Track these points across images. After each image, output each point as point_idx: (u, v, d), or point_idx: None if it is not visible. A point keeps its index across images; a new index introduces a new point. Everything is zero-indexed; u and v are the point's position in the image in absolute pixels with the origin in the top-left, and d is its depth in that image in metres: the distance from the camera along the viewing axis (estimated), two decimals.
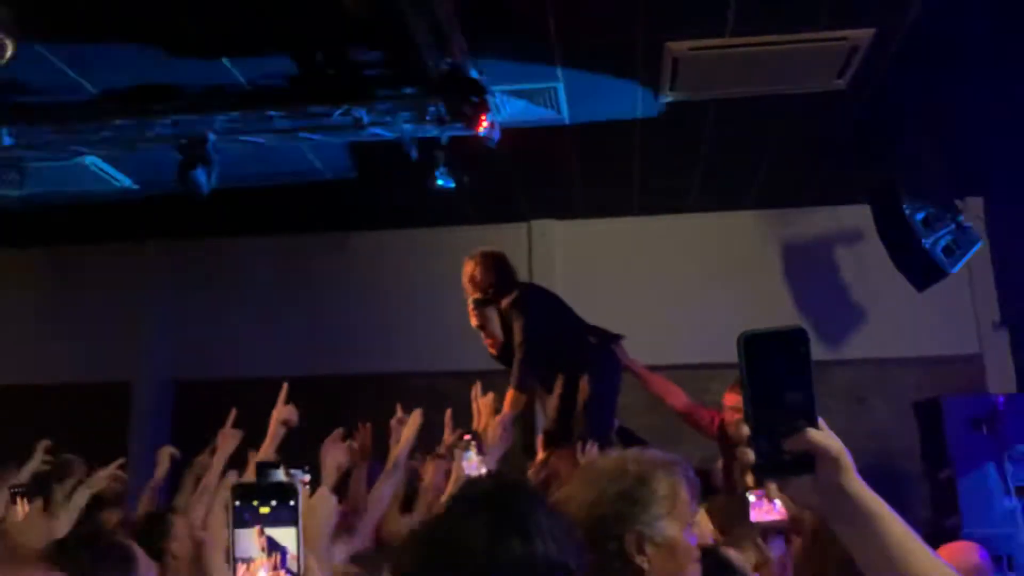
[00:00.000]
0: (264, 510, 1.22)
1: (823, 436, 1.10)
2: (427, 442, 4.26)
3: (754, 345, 1.12)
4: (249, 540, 1.21)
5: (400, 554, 1.43)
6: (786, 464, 1.09)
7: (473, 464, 3.33)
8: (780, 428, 1.09)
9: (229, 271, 7.66)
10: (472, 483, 1.58)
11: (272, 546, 1.22)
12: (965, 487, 5.26)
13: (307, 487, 1.62)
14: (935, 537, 4.89)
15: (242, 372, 7.36)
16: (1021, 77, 5.09)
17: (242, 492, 1.23)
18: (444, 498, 2.34)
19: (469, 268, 4.84)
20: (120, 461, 3.66)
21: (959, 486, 5.28)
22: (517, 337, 4.61)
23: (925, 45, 4.74)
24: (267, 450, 2.84)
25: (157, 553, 2.61)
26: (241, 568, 1.21)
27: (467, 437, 3.43)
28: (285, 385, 3.04)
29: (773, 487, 1.13)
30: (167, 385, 7.60)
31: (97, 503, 3.54)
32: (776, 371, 1.12)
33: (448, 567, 1.35)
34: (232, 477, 1.31)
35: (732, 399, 4.54)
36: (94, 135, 5.20)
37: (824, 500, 1.10)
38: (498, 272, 4.81)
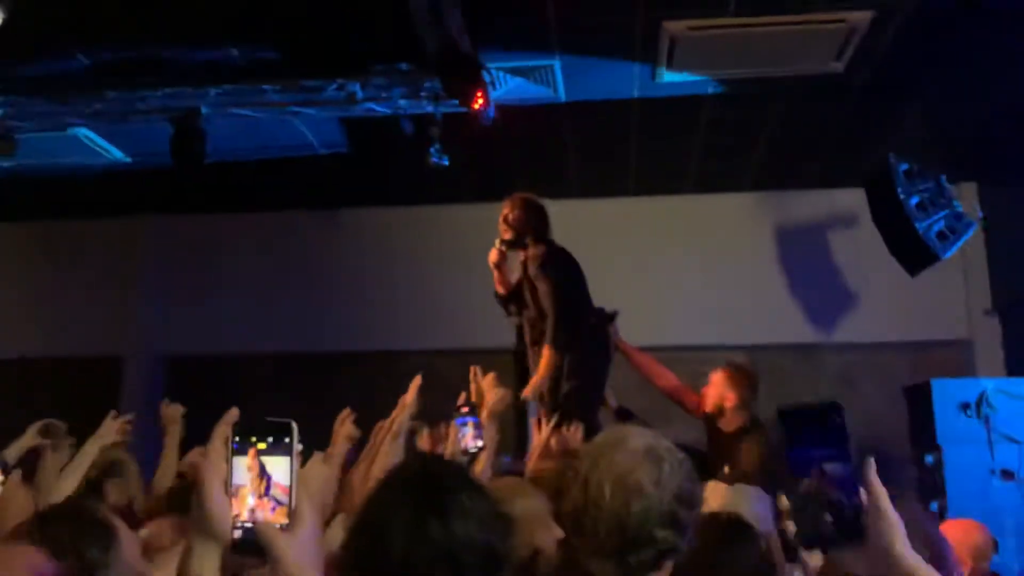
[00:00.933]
0: (261, 445, 1.29)
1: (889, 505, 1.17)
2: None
3: (791, 417, 1.15)
4: (241, 466, 1.28)
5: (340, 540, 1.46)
6: (830, 535, 1.12)
7: (469, 438, 3.31)
8: (821, 499, 1.11)
9: (223, 247, 7.63)
10: (399, 468, 1.57)
11: (262, 474, 1.28)
12: (952, 470, 5.29)
13: (299, 456, 1.64)
14: None
15: (235, 348, 7.36)
16: (1017, 63, 5.07)
17: (242, 428, 1.30)
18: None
19: (506, 209, 4.79)
20: (129, 417, 3.67)
21: (946, 469, 5.31)
22: (552, 293, 4.52)
23: (922, 28, 4.72)
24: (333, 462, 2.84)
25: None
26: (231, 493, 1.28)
27: (465, 409, 3.39)
28: (349, 411, 3.10)
29: (815, 557, 1.17)
30: (159, 360, 7.59)
31: (97, 476, 3.55)
32: (814, 442, 1.15)
33: (371, 553, 1.37)
34: (235, 413, 1.34)
35: (718, 377, 4.57)
36: (87, 107, 5.16)
37: (870, 564, 1.16)
38: (536, 216, 4.75)
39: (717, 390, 4.53)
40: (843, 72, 5.13)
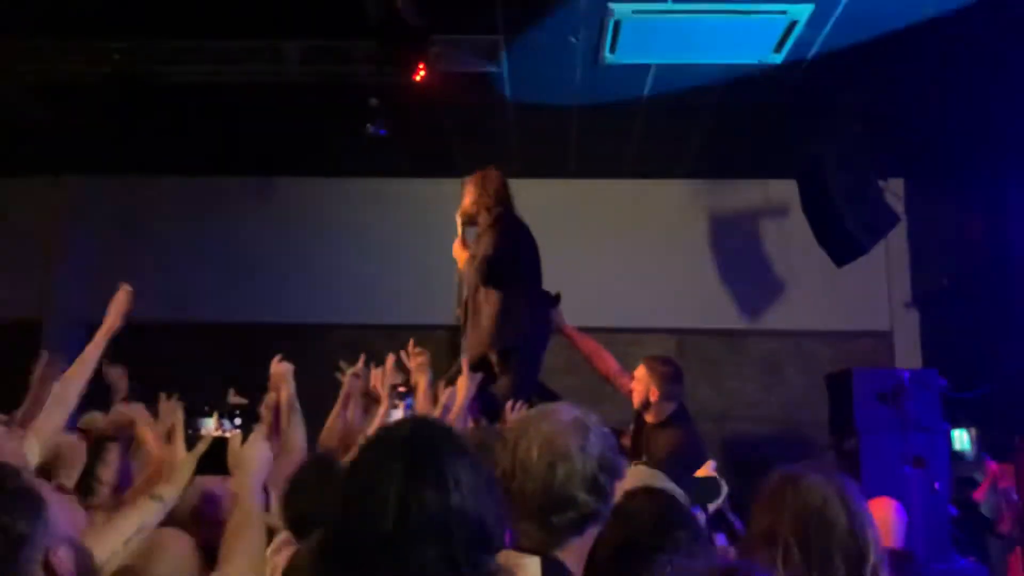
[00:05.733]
0: None
1: None
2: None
3: None
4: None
5: (312, 498, 1.41)
6: None
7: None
8: None
9: (149, 211, 7.40)
10: (389, 428, 1.48)
11: None
12: (868, 456, 5.46)
13: (239, 432, 1.62)
14: None
15: (160, 316, 7.15)
16: (949, 62, 5.22)
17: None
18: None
19: (466, 187, 4.81)
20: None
21: (862, 455, 5.47)
22: (486, 247, 4.59)
23: (861, 24, 4.81)
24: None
25: None
26: None
27: (402, 389, 3.38)
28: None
29: None
30: (81, 325, 7.33)
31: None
32: None
33: (360, 515, 1.31)
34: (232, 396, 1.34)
35: (640, 372, 4.56)
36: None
37: None
38: (484, 188, 4.76)
39: (642, 385, 4.51)
40: (781, 64, 5.20)
